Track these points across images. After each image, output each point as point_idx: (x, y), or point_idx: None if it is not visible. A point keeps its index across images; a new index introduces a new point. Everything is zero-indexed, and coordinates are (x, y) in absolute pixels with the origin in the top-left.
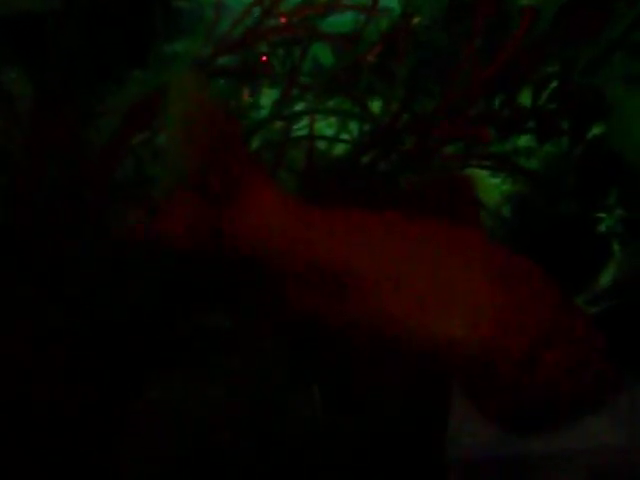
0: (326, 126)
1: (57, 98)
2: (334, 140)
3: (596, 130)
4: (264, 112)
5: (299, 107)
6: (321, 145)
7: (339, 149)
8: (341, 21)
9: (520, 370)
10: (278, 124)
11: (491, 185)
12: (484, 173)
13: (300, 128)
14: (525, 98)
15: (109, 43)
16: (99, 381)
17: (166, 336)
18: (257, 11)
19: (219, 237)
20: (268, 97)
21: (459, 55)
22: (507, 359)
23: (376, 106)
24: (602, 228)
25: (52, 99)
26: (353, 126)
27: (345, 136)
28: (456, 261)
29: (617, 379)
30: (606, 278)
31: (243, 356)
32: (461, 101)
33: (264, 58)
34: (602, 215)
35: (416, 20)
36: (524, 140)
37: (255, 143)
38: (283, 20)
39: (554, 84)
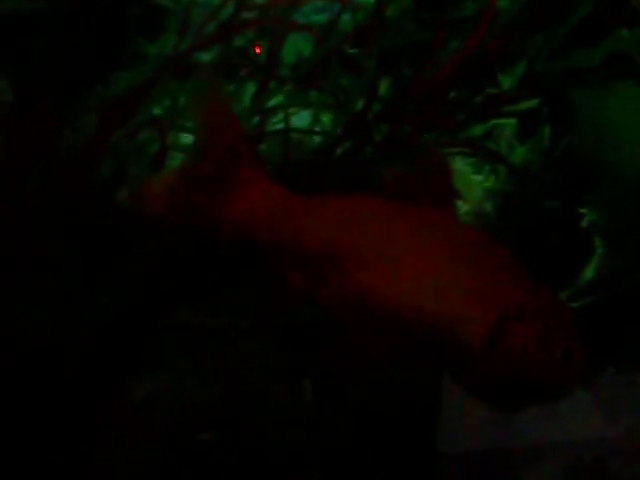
0: (298, 119)
1: (36, 98)
2: (308, 132)
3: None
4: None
5: (277, 100)
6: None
7: (314, 141)
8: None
9: (488, 343)
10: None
11: (474, 182)
12: (467, 169)
13: (277, 121)
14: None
15: (86, 44)
16: (83, 381)
17: (150, 335)
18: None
19: (204, 219)
20: (248, 90)
21: (430, 44)
22: (476, 332)
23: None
24: (584, 224)
25: (31, 99)
26: (326, 118)
27: (318, 128)
28: (431, 240)
29: (587, 357)
30: (588, 273)
31: (227, 354)
32: (432, 89)
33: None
34: (584, 211)
35: (389, 12)
36: (505, 137)
37: None
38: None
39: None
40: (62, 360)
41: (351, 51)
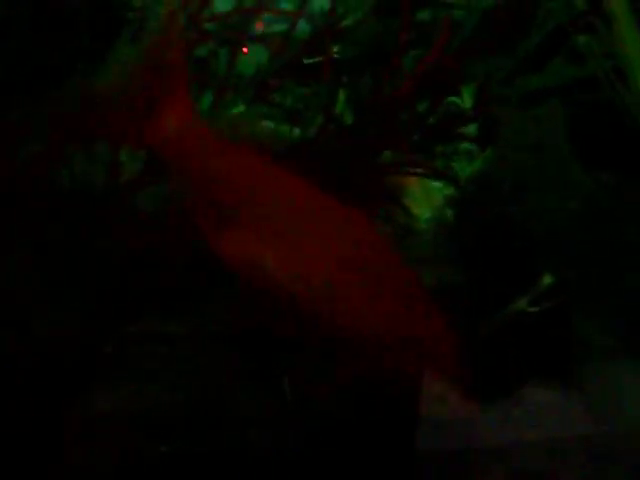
0: None
1: None
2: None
3: None
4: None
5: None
6: None
7: None
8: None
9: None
10: None
11: (434, 189)
12: None
13: None
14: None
15: (46, 50)
16: (45, 392)
17: (116, 344)
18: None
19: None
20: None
21: (388, 54)
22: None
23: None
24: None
25: None
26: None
27: None
28: (334, 235)
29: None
30: (548, 278)
31: (195, 361)
32: (388, 107)
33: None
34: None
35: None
36: (466, 143)
37: None
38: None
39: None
40: (23, 370)
41: (308, 61)
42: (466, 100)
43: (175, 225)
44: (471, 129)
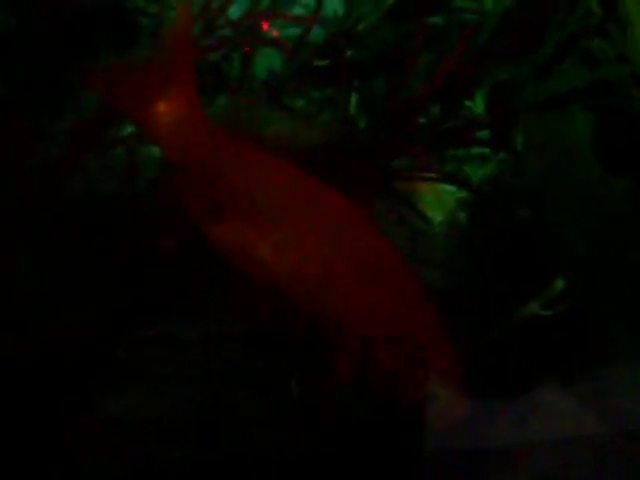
0: None
1: (7, 112)
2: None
3: None
4: None
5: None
6: None
7: None
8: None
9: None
10: None
11: (446, 192)
12: None
13: None
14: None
15: (61, 60)
16: (57, 396)
17: (129, 348)
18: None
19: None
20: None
21: (401, 59)
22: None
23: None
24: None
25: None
26: None
27: None
28: (339, 237)
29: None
30: (561, 282)
31: (207, 365)
32: (405, 112)
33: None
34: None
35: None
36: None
37: None
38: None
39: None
40: (36, 375)
41: (320, 63)
42: (478, 105)
43: (187, 227)
44: (483, 133)
